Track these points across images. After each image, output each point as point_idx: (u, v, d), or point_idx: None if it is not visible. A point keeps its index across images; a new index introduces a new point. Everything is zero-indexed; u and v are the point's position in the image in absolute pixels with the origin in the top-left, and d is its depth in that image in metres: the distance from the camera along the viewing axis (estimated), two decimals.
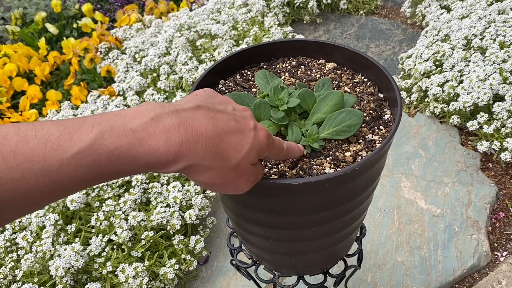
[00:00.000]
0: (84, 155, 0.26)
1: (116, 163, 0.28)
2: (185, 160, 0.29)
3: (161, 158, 0.28)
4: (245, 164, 0.33)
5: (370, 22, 2.15)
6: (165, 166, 0.29)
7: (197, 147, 0.29)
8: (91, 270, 1.02)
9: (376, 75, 0.53)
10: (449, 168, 1.32)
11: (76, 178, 0.27)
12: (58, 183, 0.26)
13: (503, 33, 1.42)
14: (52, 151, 0.26)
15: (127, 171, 0.29)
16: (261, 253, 0.57)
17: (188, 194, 1.13)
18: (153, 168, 0.29)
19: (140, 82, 1.57)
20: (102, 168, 0.27)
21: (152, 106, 0.29)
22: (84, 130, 0.27)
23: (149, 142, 0.28)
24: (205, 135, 0.29)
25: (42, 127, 0.26)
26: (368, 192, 0.48)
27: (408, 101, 1.57)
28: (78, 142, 0.26)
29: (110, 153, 0.27)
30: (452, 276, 1.05)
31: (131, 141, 0.27)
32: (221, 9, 2.00)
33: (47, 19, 2.17)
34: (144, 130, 0.28)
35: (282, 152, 0.39)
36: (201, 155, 0.30)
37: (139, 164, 0.28)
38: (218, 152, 0.30)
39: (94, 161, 0.27)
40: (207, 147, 0.30)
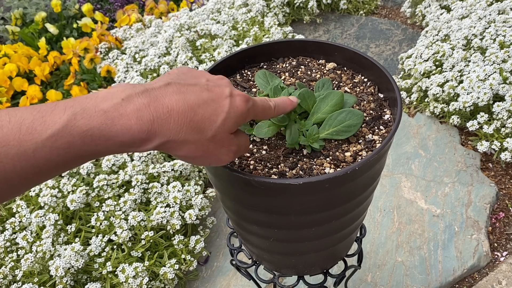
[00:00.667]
0: (58, 137, 0.27)
1: (90, 144, 0.28)
2: (159, 137, 0.29)
3: (134, 137, 0.29)
4: (222, 133, 0.33)
5: (370, 22, 2.15)
6: (140, 145, 0.29)
7: (169, 123, 0.29)
8: (91, 270, 1.02)
9: (376, 75, 0.53)
10: (449, 168, 1.32)
11: (52, 161, 0.27)
12: (35, 166, 0.27)
13: (503, 33, 1.42)
14: (27, 135, 0.26)
15: (103, 151, 0.29)
16: (261, 253, 0.57)
17: (188, 194, 1.13)
18: (128, 147, 0.29)
19: (140, 82, 1.57)
20: (77, 149, 0.28)
21: (123, 88, 0.30)
22: (56, 113, 0.27)
23: (121, 121, 0.28)
24: (176, 110, 0.29)
25: (16, 113, 0.27)
26: (368, 192, 0.48)
27: (408, 101, 1.57)
28: (51, 125, 0.27)
29: (84, 134, 0.27)
30: (452, 276, 1.05)
31: (103, 121, 0.28)
32: (221, 9, 2.00)
33: (47, 19, 2.17)
34: (116, 110, 0.28)
35: (270, 112, 0.38)
36: (175, 130, 0.30)
37: (113, 144, 0.29)
38: (192, 125, 0.30)
39: (69, 142, 0.27)
40: (180, 122, 0.30)
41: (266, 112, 0.38)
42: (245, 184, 0.41)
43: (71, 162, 0.29)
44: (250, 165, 0.45)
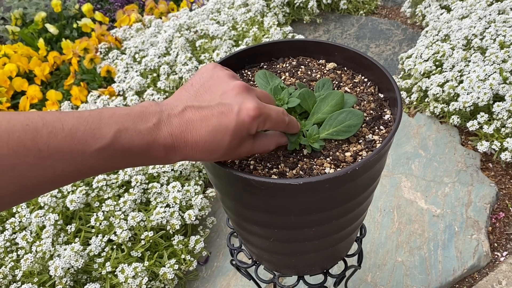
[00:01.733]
0: (104, 151, 0.32)
1: (129, 158, 0.34)
2: (179, 157, 0.37)
3: (160, 157, 0.36)
4: (231, 149, 0.38)
5: (370, 22, 2.15)
6: (164, 162, 0.37)
7: (186, 150, 0.36)
8: (91, 270, 1.02)
9: (376, 75, 0.53)
10: (449, 168, 1.32)
11: (94, 168, 0.32)
12: (79, 171, 0.32)
13: (503, 33, 1.42)
14: (79, 145, 0.31)
15: (138, 163, 0.35)
16: (261, 253, 0.57)
17: (188, 194, 1.13)
18: (157, 162, 0.36)
19: (140, 82, 1.57)
20: (117, 161, 0.33)
21: (153, 109, 0.35)
22: (103, 127, 0.32)
23: (153, 146, 0.34)
24: (191, 140, 0.36)
25: (67, 121, 0.31)
26: (368, 192, 0.48)
27: (408, 101, 1.57)
28: (100, 140, 0.31)
29: (125, 151, 0.33)
30: (452, 276, 1.05)
31: (140, 143, 0.34)
32: (220, 9, 2.00)
33: (47, 19, 2.17)
34: (149, 135, 0.34)
35: (282, 125, 0.41)
36: (191, 154, 0.36)
37: (145, 159, 0.35)
38: (203, 150, 0.37)
39: (111, 155, 0.32)
40: (194, 149, 0.36)
41: (279, 125, 0.41)
42: (245, 184, 0.41)
43: (109, 169, 0.34)
44: (250, 165, 0.45)
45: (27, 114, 0.30)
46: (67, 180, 0.32)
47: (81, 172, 0.32)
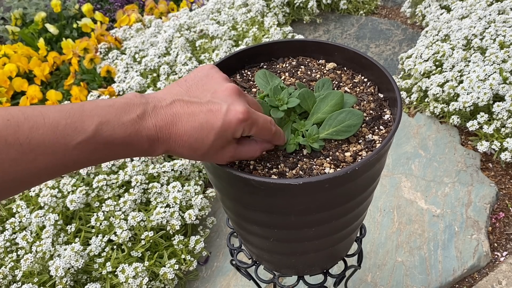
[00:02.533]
0: (86, 144, 0.32)
1: (112, 150, 0.34)
2: (162, 149, 0.37)
3: (144, 149, 0.36)
4: (214, 148, 0.38)
5: (370, 22, 2.15)
6: (149, 153, 0.37)
7: (169, 142, 0.36)
8: (91, 270, 1.02)
9: (376, 75, 0.53)
10: (449, 168, 1.32)
11: (78, 161, 0.32)
12: (63, 164, 0.32)
13: (503, 33, 1.42)
14: (61, 138, 0.31)
15: (121, 155, 0.35)
16: (261, 253, 0.57)
17: (188, 194, 1.13)
18: (141, 154, 0.36)
19: (140, 82, 1.57)
20: (101, 153, 0.33)
21: (138, 100, 0.35)
22: (85, 120, 0.32)
23: (136, 138, 0.34)
24: (175, 133, 0.36)
25: (49, 115, 0.31)
26: (368, 192, 0.48)
27: (408, 101, 1.57)
28: (82, 133, 0.32)
29: (108, 143, 0.33)
30: (452, 276, 1.05)
31: (123, 134, 0.34)
32: (221, 9, 2.00)
33: (47, 19, 2.17)
34: (132, 126, 0.34)
35: (268, 133, 0.41)
36: (174, 147, 0.37)
37: (129, 151, 0.35)
38: (187, 145, 0.37)
39: (94, 148, 0.33)
40: (178, 142, 0.36)
41: (265, 133, 0.40)
42: (245, 184, 0.41)
43: (94, 162, 0.34)
44: (250, 165, 0.45)
45: (8, 110, 0.30)
46: (51, 174, 0.32)
47: (65, 165, 0.32)
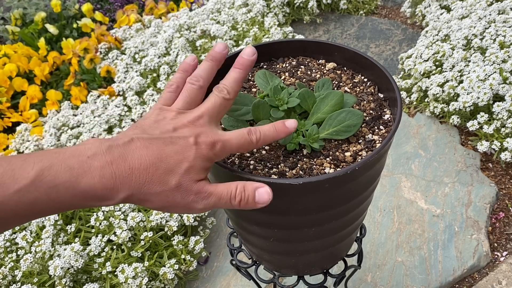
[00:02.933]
0: (25, 193, 0.28)
1: (56, 200, 0.29)
2: (122, 192, 0.31)
3: (97, 193, 0.30)
4: (188, 182, 0.33)
5: (370, 22, 2.15)
6: (104, 199, 0.31)
7: (131, 180, 0.31)
8: (91, 270, 1.02)
9: (376, 75, 0.53)
10: (449, 168, 1.32)
11: (18, 213, 0.29)
12: (1, 217, 0.28)
13: (503, 33, 1.42)
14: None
15: (68, 205, 0.30)
16: (261, 253, 0.57)
17: None
18: (94, 201, 0.31)
19: (140, 82, 1.57)
20: (43, 204, 0.29)
21: (90, 144, 0.31)
22: (26, 167, 0.29)
23: (84, 179, 0.29)
24: (137, 167, 0.31)
25: None
26: (368, 192, 0.48)
27: (408, 101, 1.57)
28: (20, 180, 0.28)
29: (50, 190, 0.29)
30: (452, 276, 1.05)
31: (68, 178, 0.29)
32: (221, 9, 2.00)
33: (47, 19, 2.17)
34: (81, 167, 0.30)
35: (250, 146, 0.38)
36: (137, 186, 0.31)
37: (78, 199, 0.30)
38: (154, 179, 0.31)
39: (35, 198, 0.29)
40: (142, 178, 0.31)
41: (244, 148, 0.37)
42: None
43: (36, 215, 0.30)
44: (250, 165, 0.45)
45: None
46: None
47: (3, 218, 0.28)
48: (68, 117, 1.54)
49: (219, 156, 0.36)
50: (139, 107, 1.49)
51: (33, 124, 1.62)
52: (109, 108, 1.53)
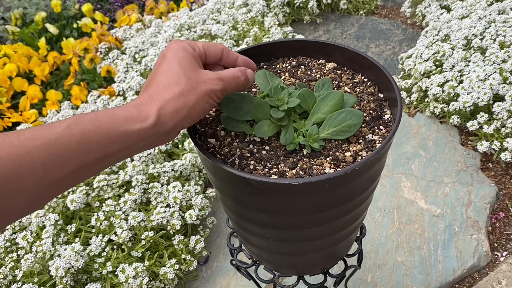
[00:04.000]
0: (74, 125, 0.33)
1: (101, 127, 0.34)
2: (154, 105, 0.38)
3: (133, 114, 0.36)
4: (193, 72, 0.40)
5: (370, 22, 2.15)
6: (140, 119, 0.36)
7: (158, 93, 0.38)
8: (91, 270, 1.02)
9: (376, 75, 0.53)
10: (449, 168, 1.32)
11: (71, 147, 0.32)
12: (57, 154, 0.32)
13: (503, 33, 1.42)
14: (49, 128, 0.32)
15: (112, 135, 0.34)
16: (261, 253, 0.57)
17: (188, 194, 1.13)
18: (133, 123, 0.35)
19: (140, 82, 1.57)
20: (91, 135, 0.33)
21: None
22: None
23: (120, 108, 0.36)
24: (162, 82, 0.39)
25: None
26: (368, 192, 0.48)
27: (408, 101, 1.57)
28: (66, 120, 0.33)
29: (93, 119, 0.34)
30: (452, 276, 1.05)
31: (107, 111, 0.35)
32: (221, 9, 2.00)
33: (47, 19, 2.17)
34: (117, 107, 0.36)
35: (240, 88, 0.44)
36: (163, 97, 0.38)
37: (119, 122, 0.35)
38: (172, 83, 0.39)
39: (83, 129, 0.33)
40: (165, 90, 0.38)
41: (236, 89, 0.43)
42: (245, 184, 0.41)
43: (87, 151, 0.33)
44: (250, 165, 0.45)
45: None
46: (47, 169, 0.32)
47: (58, 155, 0.32)
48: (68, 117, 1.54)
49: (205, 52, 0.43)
50: None
51: (33, 124, 1.62)
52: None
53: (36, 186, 0.31)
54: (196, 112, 0.39)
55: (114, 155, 0.35)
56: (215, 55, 0.44)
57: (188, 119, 0.39)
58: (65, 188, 0.34)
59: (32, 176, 0.31)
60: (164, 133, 0.37)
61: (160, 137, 0.38)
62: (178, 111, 0.37)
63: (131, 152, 0.37)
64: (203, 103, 0.39)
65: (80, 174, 0.34)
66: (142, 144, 0.37)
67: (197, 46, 0.42)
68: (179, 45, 0.40)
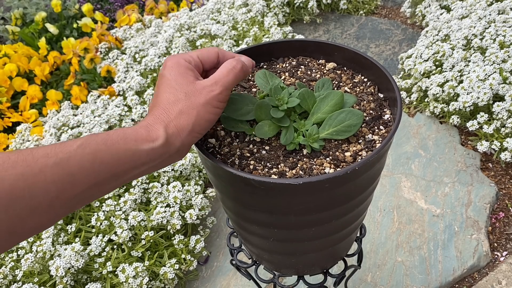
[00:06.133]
0: (87, 145, 0.33)
1: (112, 147, 0.34)
2: (160, 126, 0.38)
3: (141, 133, 0.37)
4: (189, 84, 0.40)
5: (370, 22, 2.15)
6: (150, 139, 0.37)
7: (162, 114, 0.39)
8: (91, 270, 1.02)
9: (376, 75, 0.53)
10: (449, 168, 1.32)
11: (84, 167, 0.32)
12: (69, 173, 0.32)
13: (503, 33, 1.42)
14: (62, 147, 0.32)
15: (123, 155, 0.35)
16: (261, 253, 0.57)
17: (188, 194, 1.14)
18: (143, 141, 0.36)
19: (140, 82, 1.57)
20: (102, 154, 0.34)
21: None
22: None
23: (130, 129, 0.36)
24: (165, 103, 0.39)
25: None
26: (368, 192, 0.48)
27: (408, 101, 1.57)
28: (78, 139, 0.34)
29: (105, 139, 0.34)
30: (452, 276, 1.05)
31: (118, 131, 0.35)
32: (221, 9, 2.00)
33: (47, 19, 2.17)
34: (128, 128, 0.37)
35: (240, 79, 0.42)
36: (167, 116, 0.39)
37: (130, 141, 0.35)
38: (172, 101, 0.39)
39: (95, 149, 0.33)
40: (168, 108, 0.39)
41: (237, 79, 0.42)
42: (245, 184, 0.41)
43: (99, 171, 0.33)
44: (250, 165, 0.45)
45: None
46: (60, 189, 0.32)
47: (71, 174, 0.33)
48: (68, 117, 1.54)
49: (200, 60, 0.43)
50: (139, 107, 1.49)
51: (33, 124, 1.62)
52: (109, 108, 1.53)
53: (49, 205, 0.31)
54: (201, 126, 0.39)
55: (124, 175, 0.35)
56: (211, 60, 0.44)
57: (195, 134, 0.39)
58: (74, 207, 0.34)
59: (45, 195, 0.31)
60: (173, 152, 0.38)
61: (170, 157, 0.38)
62: (183, 129, 0.38)
63: (142, 173, 0.37)
64: (205, 114, 0.39)
65: (91, 193, 0.34)
66: (152, 164, 0.37)
67: (191, 58, 0.42)
68: (173, 62, 0.40)
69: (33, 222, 0.31)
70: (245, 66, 0.43)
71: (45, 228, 0.33)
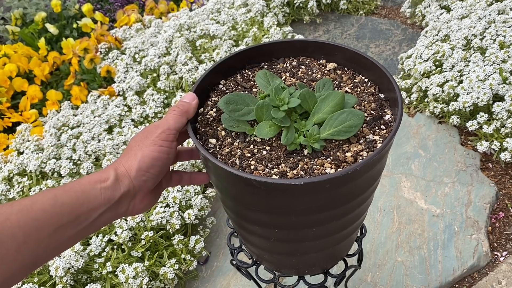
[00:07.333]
0: (46, 191, 0.36)
1: (70, 190, 0.38)
2: (112, 169, 0.43)
3: (97, 176, 0.43)
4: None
5: (370, 22, 2.15)
6: (103, 180, 0.41)
7: (119, 161, 0.45)
8: (91, 270, 1.02)
9: (376, 75, 0.53)
10: (449, 168, 1.32)
11: (46, 210, 0.35)
12: (34, 218, 0.34)
13: (503, 33, 1.42)
14: (25, 198, 0.35)
15: (81, 198, 0.38)
16: (262, 253, 0.57)
17: (187, 194, 1.13)
18: (98, 183, 0.40)
19: (140, 82, 1.57)
20: (61, 195, 0.37)
21: None
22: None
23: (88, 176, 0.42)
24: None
25: None
26: (369, 193, 0.48)
27: (408, 101, 1.57)
28: (37, 194, 0.36)
29: (64, 185, 0.38)
30: (452, 276, 1.05)
31: (80, 180, 0.40)
32: (220, 9, 2.00)
33: (47, 19, 2.17)
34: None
35: (184, 118, 0.47)
36: (120, 162, 0.45)
37: (87, 183, 0.39)
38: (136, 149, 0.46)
39: (55, 192, 0.36)
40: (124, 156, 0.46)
41: (178, 119, 0.46)
42: (246, 184, 0.41)
43: (61, 213, 0.36)
44: (251, 165, 0.45)
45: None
46: (27, 234, 0.34)
47: (36, 219, 0.35)
48: (68, 117, 1.54)
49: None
50: (139, 107, 1.49)
51: (33, 124, 1.62)
52: (109, 108, 1.53)
53: (16, 251, 0.32)
54: (146, 164, 0.43)
55: (86, 218, 0.38)
56: (188, 117, 0.47)
57: (143, 172, 0.43)
58: (43, 257, 0.35)
59: (13, 240, 0.32)
60: (125, 192, 0.41)
61: (124, 197, 0.42)
62: (130, 168, 0.42)
63: (103, 217, 0.40)
64: (150, 152, 0.43)
65: (56, 239, 0.36)
66: (109, 206, 0.40)
67: (163, 126, 0.46)
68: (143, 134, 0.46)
69: (1, 270, 0.32)
70: (182, 106, 0.46)
71: (15, 281, 0.34)
